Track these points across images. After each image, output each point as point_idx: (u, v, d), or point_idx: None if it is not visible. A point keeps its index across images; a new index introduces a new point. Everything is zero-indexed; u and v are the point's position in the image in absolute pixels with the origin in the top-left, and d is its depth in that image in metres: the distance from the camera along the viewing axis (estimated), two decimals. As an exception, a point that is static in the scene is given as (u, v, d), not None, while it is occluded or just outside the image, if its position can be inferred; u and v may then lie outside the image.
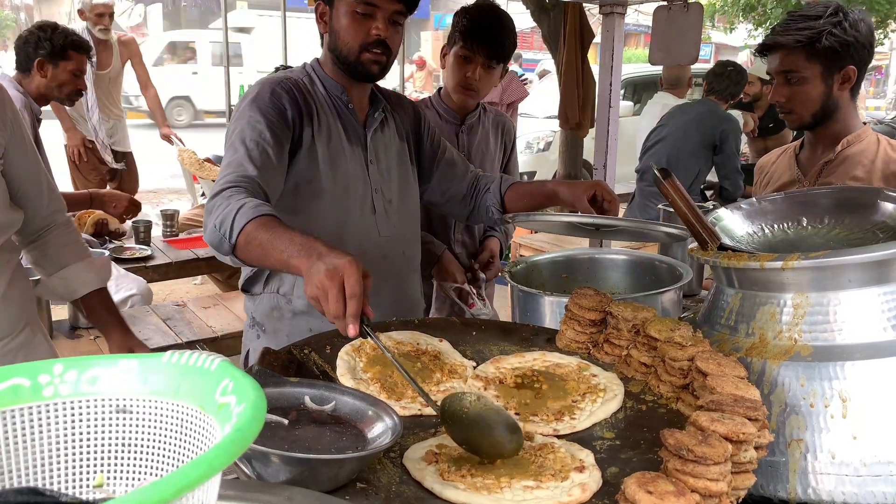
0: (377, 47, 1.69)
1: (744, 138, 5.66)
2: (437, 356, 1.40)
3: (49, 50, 3.17)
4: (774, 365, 1.25)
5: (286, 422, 0.98)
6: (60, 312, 2.78)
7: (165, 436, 0.73)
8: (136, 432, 0.74)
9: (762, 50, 2.03)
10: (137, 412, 0.72)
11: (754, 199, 1.68)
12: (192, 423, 0.71)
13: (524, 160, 8.96)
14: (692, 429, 0.96)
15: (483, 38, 2.22)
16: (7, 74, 3.19)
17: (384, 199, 1.83)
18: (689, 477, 0.87)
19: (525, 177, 8.89)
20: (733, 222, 1.61)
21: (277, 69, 4.01)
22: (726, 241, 1.48)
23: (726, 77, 4.36)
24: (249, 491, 0.80)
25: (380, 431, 0.99)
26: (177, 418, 0.72)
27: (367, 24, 1.68)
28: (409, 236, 1.92)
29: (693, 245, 1.48)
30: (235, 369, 0.69)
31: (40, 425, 0.72)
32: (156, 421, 0.73)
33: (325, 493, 0.85)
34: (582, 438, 1.16)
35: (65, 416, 0.72)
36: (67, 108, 4.63)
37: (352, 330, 1.13)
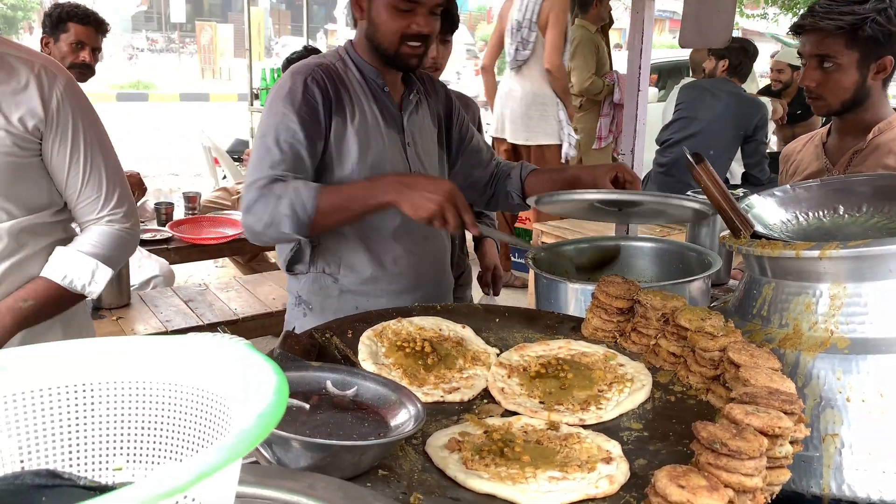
0: (417, 40, 1.69)
1: (771, 125, 5.55)
2: (459, 343, 1.38)
3: (49, 25, 3.12)
4: (809, 357, 1.21)
5: (307, 406, 0.96)
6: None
7: (186, 420, 0.71)
8: (157, 416, 0.72)
9: (796, 29, 1.95)
10: (158, 396, 0.71)
11: (788, 186, 1.63)
12: (213, 407, 0.69)
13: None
14: (725, 422, 0.93)
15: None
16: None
17: None
18: (723, 471, 0.84)
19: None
20: (766, 209, 1.56)
21: (306, 49, 3.99)
22: (760, 228, 1.44)
23: (743, 53, 4.26)
24: (269, 477, 0.78)
25: (403, 418, 0.97)
26: (198, 402, 0.70)
27: (408, 19, 1.67)
28: None
29: (725, 233, 1.44)
30: (258, 353, 0.67)
31: (60, 408, 0.70)
32: (177, 405, 0.71)
33: (346, 480, 0.83)
34: (609, 429, 1.13)
35: (85, 398, 0.71)
36: None
37: (476, 230, 1.54)
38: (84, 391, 0.71)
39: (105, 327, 2.52)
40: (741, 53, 4.30)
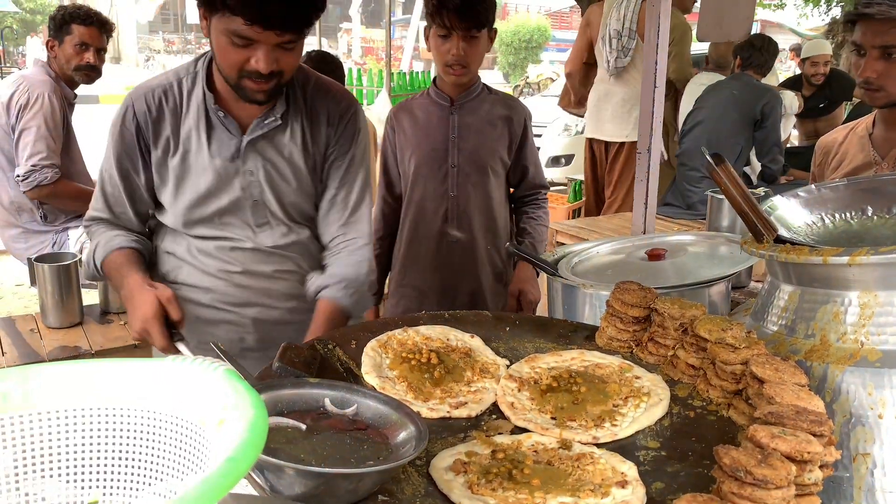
0: (260, 77, 1.45)
1: (792, 119, 5.43)
2: (468, 353, 1.32)
3: (53, 27, 3.11)
4: (838, 370, 1.14)
5: (304, 427, 0.91)
6: (92, 297, 2.78)
7: (163, 450, 0.66)
8: (133, 445, 0.67)
9: (854, 18, 1.87)
10: (135, 423, 0.66)
11: (812, 186, 1.55)
12: (190, 437, 0.64)
13: (563, 143, 8.78)
14: (749, 445, 0.87)
15: (453, 9, 2.07)
16: (41, 59, 3.17)
17: (265, 209, 1.63)
18: (748, 501, 0.78)
19: (563, 160, 8.71)
20: (790, 211, 1.49)
21: (317, 53, 3.93)
22: (783, 232, 1.37)
23: (764, 50, 4.18)
24: (258, 508, 0.73)
25: (404, 439, 0.92)
26: (175, 432, 0.65)
27: (245, 53, 1.43)
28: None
29: (747, 237, 1.37)
30: (238, 380, 0.62)
31: (27, 436, 0.66)
32: (153, 433, 0.66)
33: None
34: (624, 447, 1.07)
35: (58, 425, 0.66)
36: None
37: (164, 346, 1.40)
38: (57, 417, 0.66)
39: (113, 332, 2.49)
40: (749, 48, 4.27)
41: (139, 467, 0.67)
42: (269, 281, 1.65)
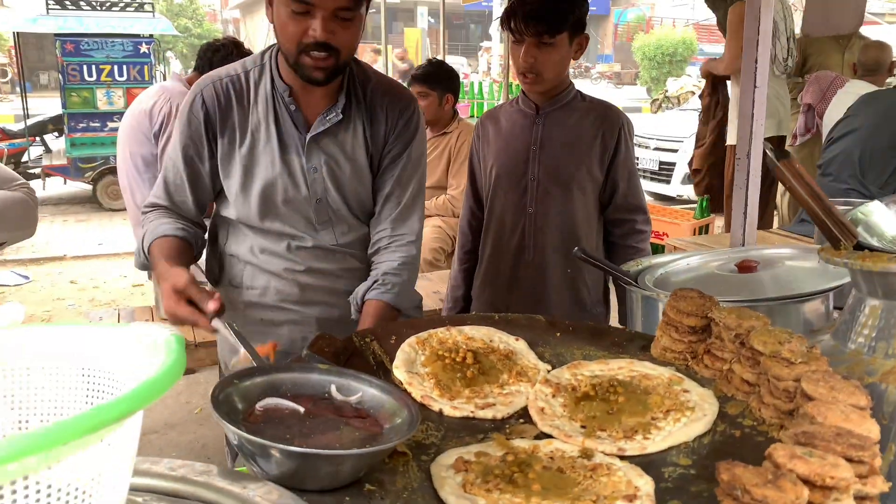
0: (317, 49, 1.47)
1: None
2: (508, 356, 1.28)
3: (198, 64, 3.39)
4: (916, 395, 0.99)
5: (302, 410, 0.92)
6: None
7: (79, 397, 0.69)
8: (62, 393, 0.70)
9: None
10: (97, 379, 0.69)
11: (921, 191, 1.37)
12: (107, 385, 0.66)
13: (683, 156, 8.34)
14: (768, 465, 0.77)
15: (523, 14, 1.95)
16: (177, 73, 3.47)
17: (328, 207, 1.65)
18: (745, 525, 0.69)
19: (686, 176, 8.27)
20: (886, 218, 1.32)
21: (430, 62, 4.03)
22: (870, 240, 1.21)
23: None
24: (229, 480, 0.74)
25: (395, 426, 0.90)
26: (93, 381, 0.68)
27: (304, 23, 1.46)
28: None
29: (824, 244, 1.22)
30: (178, 347, 0.64)
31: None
32: (100, 388, 0.69)
33: (321, 492, 0.77)
34: (652, 462, 0.98)
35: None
36: None
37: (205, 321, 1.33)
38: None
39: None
40: None
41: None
42: (333, 279, 1.68)
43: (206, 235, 1.77)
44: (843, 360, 1.14)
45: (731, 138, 4.54)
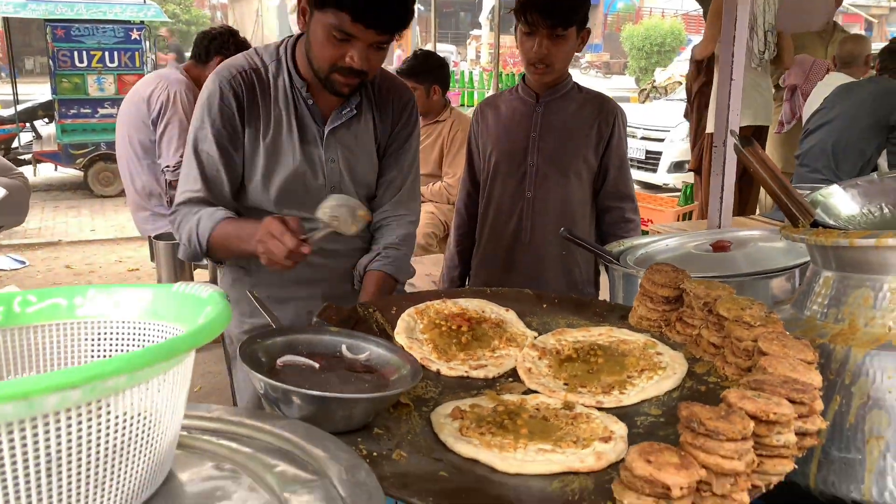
0: (350, 73, 1.57)
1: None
2: (499, 324, 1.40)
3: (232, 52, 3.47)
4: (859, 353, 1.12)
5: (317, 366, 1.04)
6: (202, 276, 3.07)
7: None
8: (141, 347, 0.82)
9: None
10: (144, 332, 0.80)
11: (875, 175, 1.50)
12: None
13: (686, 148, 8.48)
14: (722, 406, 0.89)
15: (537, 7, 2.04)
16: (176, 63, 3.56)
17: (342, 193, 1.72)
18: (700, 451, 0.81)
19: (686, 165, 8.42)
20: (843, 200, 1.45)
21: (422, 53, 4.11)
22: (827, 220, 1.34)
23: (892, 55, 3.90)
24: (247, 417, 0.86)
25: (399, 378, 1.02)
26: (169, 336, 0.79)
27: (342, 49, 1.54)
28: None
29: (784, 223, 1.35)
30: (222, 298, 0.75)
31: (69, 341, 0.82)
32: (155, 339, 0.80)
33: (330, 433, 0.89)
34: (626, 413, 1.11)
35: (89, 333, 0.82)
36: None
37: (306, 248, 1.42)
38: (89, 327, 0.82)
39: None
40: (889, 52, 3.99)
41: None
42: (341, 259, 1.78)
43: None
44: (800, 325, 1.27)
45: (710, 126, 4.67)
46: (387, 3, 1.51)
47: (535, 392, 1.18)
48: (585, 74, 25.92)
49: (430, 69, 3.86)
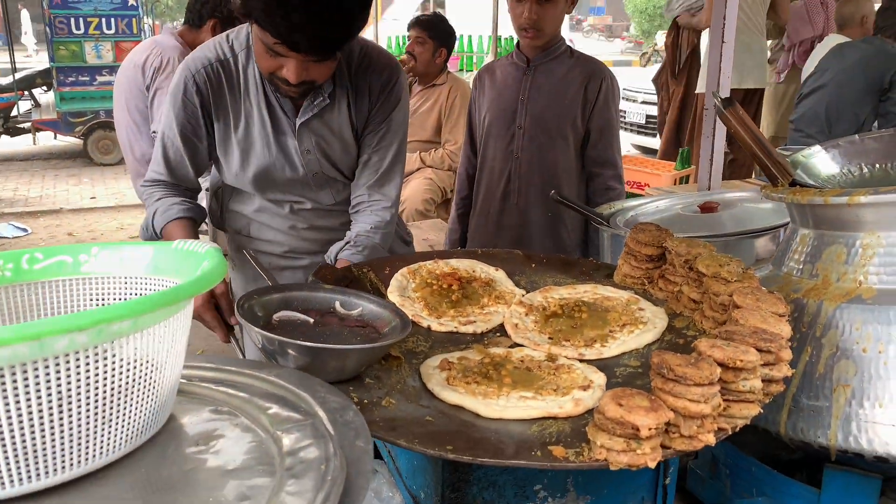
0: (289, 84, 1.47)
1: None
2: (489, 283, 1.45)
3: (224, 14, 3.44)
4: (830, 306, 1.18)
5: (311, 321, 1.09)
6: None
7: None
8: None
9: None
10: (146, 286, 0.85)
11: (857, 136, 1.53)
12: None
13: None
14: (693, 354, 0.95)
15: None
16: (170, 27, 3.54)
17: (324, 176, 1.72)
18: (669, 396, 0.87)
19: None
20: (824, 161, 1.49)
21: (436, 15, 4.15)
22: (807, 179, 1.38)
23: (891, 12, 3.87)
24: (246, 367, 0.91)
25: (390, 330, 1.07)
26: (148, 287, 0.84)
27: (277, 62, 1.45)
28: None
29: (764, 183, 1.39)
30: (218, 253, 0.80)
31: (75, 296, 0.87)
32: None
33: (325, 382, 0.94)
34: (607, 365, 1.17)
35: (93, 289, 0.87)
36: None
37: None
38: (94, 283, 0.87)
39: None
40: (886, 11, 3.95)
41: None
42: (334, 233, 1.79)
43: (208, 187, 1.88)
44: (777, 281, 1.32)
45: (700, 86, 4.69)
46: (315, 26, 1.35)
47: (521, 346, 1.23)
48: (588, 38, 25.62)
49: (444, 32, 3.92)
